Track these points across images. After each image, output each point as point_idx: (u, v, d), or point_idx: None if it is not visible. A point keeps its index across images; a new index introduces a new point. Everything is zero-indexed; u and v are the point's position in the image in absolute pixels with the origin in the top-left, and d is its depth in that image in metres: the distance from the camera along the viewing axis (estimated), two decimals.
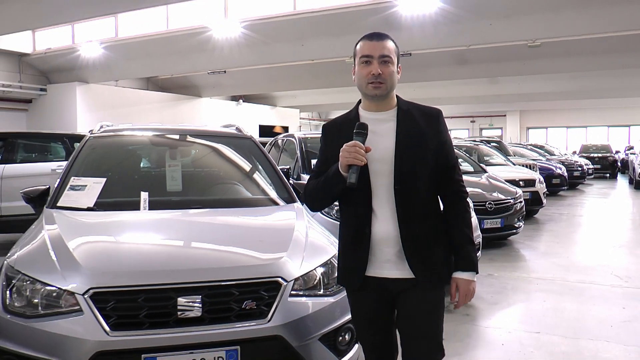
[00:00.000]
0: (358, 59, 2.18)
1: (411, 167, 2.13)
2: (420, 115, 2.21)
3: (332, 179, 2.13)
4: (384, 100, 2.20)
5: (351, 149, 2.02)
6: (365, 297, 2.22)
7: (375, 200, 2.15)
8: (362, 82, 2.17)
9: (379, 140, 2.14)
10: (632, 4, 10.53)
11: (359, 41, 2.21)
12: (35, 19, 13.25)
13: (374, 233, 2.15)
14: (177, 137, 4.24)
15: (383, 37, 2.18)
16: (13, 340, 2.36)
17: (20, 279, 2.48)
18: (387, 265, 2.15)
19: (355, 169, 2.02)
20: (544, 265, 6.84)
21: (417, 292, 2.15)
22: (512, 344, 4.18)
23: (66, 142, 8.15)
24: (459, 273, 2.19)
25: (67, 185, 3.43)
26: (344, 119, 2.29)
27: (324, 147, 2.32)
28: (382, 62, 2.13)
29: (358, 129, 2.09)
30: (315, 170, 2.33)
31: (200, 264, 2.59)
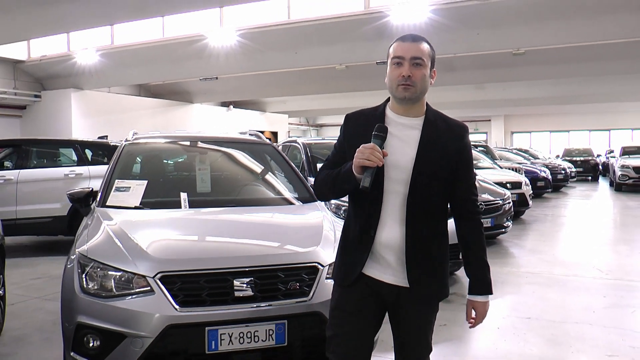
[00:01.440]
0: (390, 60, 2.15)
1: (428, 180, 2.11)
2: (445, 128, 2.18)
3: (343, 177, 2.11)
4: (413, 105, 2.15)
5: (367, 150, 1.99)
6: (353, 292, 2.20)
7: (385, 205, 2.13)
8: (392, 83, 2.13)
9: (400, 147, 2.12)
10: (611, 16, 11.10)
11: (393, 42, 2.18)
12: (31, 29, 13.53)
13: (378, 237, 2.14)
14: (205, 144, 4.67)
15: (417, 39, 2.14)
16: (91, 317, 2.79)
17: (94, 265, 2.91)
18: (385, 269, 2.16)
19: (369, 172, 2.00)
20: (531, 261, 7.36)
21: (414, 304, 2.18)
22: (507, 328, 4.67)
23: (78, 148, 8.51)
24: (476, 296, 2.24)
25: (112, 186, 3.84)
26: (369, 114, 2.24)
27: (342, 137, 2.27)
28: (413, 64, 2.09)
29: (377, 131, 2.05)
30: (329, 159, 2.30)
31: (250, 252, 3.05)
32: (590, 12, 11.18)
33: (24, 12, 11.59)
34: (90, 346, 2.79)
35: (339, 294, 2.25)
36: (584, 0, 10.87)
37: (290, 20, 13.98)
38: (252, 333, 2.74)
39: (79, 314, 2.82)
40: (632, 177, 17.77)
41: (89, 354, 2.79)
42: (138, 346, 2.67)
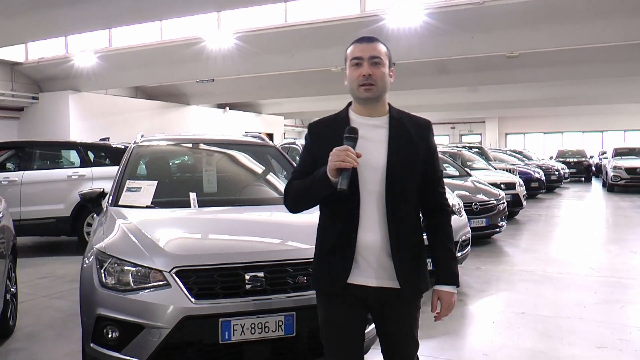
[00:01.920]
0: (349, 63, 2.16)
1: (402, 176, 2.13)
2: (411, 125, 2.20)
3: (319, 183, 2.09)
4: (375, 105, 2.17)
5: (342, 152, 1.99)
6: (340, 303, 2.19)
7: (363, 207, 2.12)
8: (353, 84, 2.14)
9: (370, 147, 2.12)
10: (603, 20, 11.32)
11: (350, 45, 2.20)
12: (29, 32, 13.67)
13: (360, 240, 2.12)
14: (211, 146, 4.84)
15: (373, 40, 2.18)
16: (110, 309, 2.95)
17: (112, 261, 3.07)
18: (369, 273, 2.13)
19: (346, 174, 2.00)
20: (525, 259, 7.55)
21: (401, 304, 2.17)
22: (501, 322, 4.87)
23: (80, 150, 8.65)
24: (442, 286, 2.23)
25: (123, 187, 4.01)
26: (333, 120, 2.25)
27: (309, 146, 2.27)
28: (372, 63, 2.12)
29: (349, 133, 2.06)
30: (298, 169, 2.29)
31: (260, 248, 3.22)
32: (582, 16, 11.40)
33: (23, 15, 11.69)
34: (109, 337, 2.95)
35: (325, 305, 2.24)
36: (576, 5, 11.08)
37: (287, 23, 14.15)
38: (263, 324, 2.91)
39: (98, 306, 2.98)
40: (624, 178, 18.01)
41: (109, 344, 2.95)
42: (156, 336, 2.84)
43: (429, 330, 4.49)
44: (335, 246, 2.17)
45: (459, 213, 6.40)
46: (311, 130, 2.30)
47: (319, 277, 2.25)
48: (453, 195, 7.01)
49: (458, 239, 6.07)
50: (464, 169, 10.57)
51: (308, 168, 2.20)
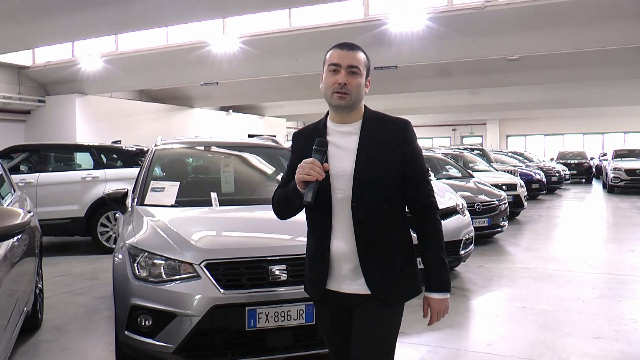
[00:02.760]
0: (326, 67, 2.14)
1: (371, 183, 2.09)
2: (385, 126, 2.16)
3: (291, 195, 2.13)
4: (349, 113, 2.15)
5: (307, 165, 2.00)
6: (325, 308, 2.26)
7: (335, 216, 2.13)
8: (327, 91, 2.13)
9: (341, 155, 2.13)
10: (601, 25, 11.57)
11: (330, 50, 2.18)
12: (37, 39, 13.87)
13: (333, 249, 2.14)
14: (227, 148, 5.10)
15: (354, 48, 2.14)
16: (144, 299, 3.20)
17: (144, 255, 3.32)
18: (345, 280, 2.15)
19: (311, 187, 2.00)
20: (526, 258, 7.80)
21: (370, 307, 2.14)
22: (503, 316, 5.12)
23: (94, 153, 8.91)
24: (432, 294, 2.18)
25: (148, 187, 4.26)
26: (313, 129, 2.25)
27: (292, 155, 2.30)
28: (349, 72, 2.09)
29: (317, 146, 2.07)
30: (284, 178, 2.32)
31: (282, 243, 3.48)
32: (581, 21, 11.62)
33: (31, 21, 11.89)
34: (143, 325, 3.20)
35: (316, 309, 2.36)
36: (575, 10, 11.31)
37: (292, 27, 14.40)
38: (285, 312, 3.17)
39: (132, 297, 3.23)
40: (624, 180, 18.26)
41: (142, 331, 3.20)
42: (187, 324, 3.09)
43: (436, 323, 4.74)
44: (314, 254, 2.22)
45: (463, 213, 6.65)
46: (294, 139, 2.32)
47: (306, 283, 2.33)
48: (457, 195, 7.25)
49: (462, 237, 6.32)
50: (467, 171, 10.81)
51: (291, 178, 2.17)
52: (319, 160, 2.03)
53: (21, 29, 12.38)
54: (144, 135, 18.88)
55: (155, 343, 3.15)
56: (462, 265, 6.90)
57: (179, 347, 3.10)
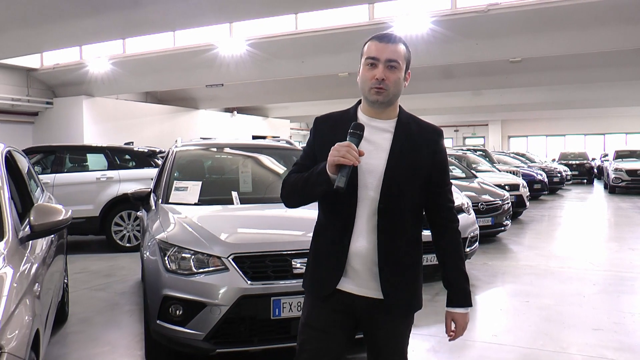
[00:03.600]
0: (364, 60, 2.03)
1: (399, 186, 2.03)
2: (419, 131, 2.09)
3: (316, 178, 1.97)
4: (385, 109, 2.06)
5: (343, 148, 1.87)
6: (325, 307, 2.12)
7: (359, 213, 2.04)
8: (364, 85, 2.03)
9: (372, 150, 2.03)
10: (602, 28, 11.80)
11: (368, 41, 2.07)
12: (45, 43, 14.19)
13: (351, 247, 2.05)
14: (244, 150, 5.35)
15: (394, 40, 2.04)
16: (175, 290, 3.45)
17: (174, 249, 3.57)
18: (358, 281, 2.07)
19: (345, 171, 1.88)
20: (529, 256, 8.04)
21: (388, 317, 2.10)
22: (508, 309, 5.37)
23: (108, 154, 9.16)
24: (455, 308, 2.15)
25: (171, 187, 4.50)
26: (340, 116, 2.14)
27: (313, 140, 2.17)
28: (388, 66, 1.99)
29: (354, 129, 1.94)
30: (298, 162, 2.18)
31: (303, 237, 3.70)
32: (582, 24, 11.84)
33: (39, 26, 12.11)
34: (174, 314, 3.44)
35: (309, 308, 2.18)
36: (576, 13, 11.52)
37: (298, 30, 14.62)
38: None
39: (164, 288, 3.48)
40: (625, 180, 18.48)
41: (174, 320, 3.44)
42: (216, 313, 3.33)
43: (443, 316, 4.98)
44: (328, 252, 2.10)
45: (468, 211, 6.89)
46: (316, 125, 2.19)
47: (310, 279, 2.20)
48: (462, 195, 7.49)
49: (467, 236, 6.56)
50: (470, 171, 11.04)
51: (308, 163, 2.11)
52: (354, 144, 1.91)
53: (30, 33, 12.62)
54: (150, 137, 19.15)
55: (186, 331, 3.39)
56: (467, 262, 7.06)
57: (208, 335, 3.34)
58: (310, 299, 2.20)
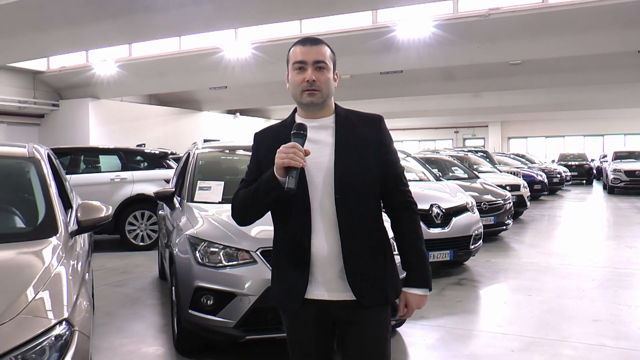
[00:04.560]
0: (291, 65, 2.04)
1: (352, 176, 1.99)
2: (360, 122, 2.08)
3: (266, 185, 1.94)
4: (321, 109, 2.06)
5: (289, 149, 1.85)
6: (302, 319, 2.06)
7: (314, 212, 1.98)
8: (296, 90, 2.02)
9: (316, 149, 2.00)
10: (600, 31, 12.10)
11: (292, 47, 2.07)
12: (52, 48, 14.54)
13: (314, 250, 1.98)
14: None
15: (317, 42, 2.05)
16: (207, 281, 3.73)
17: (204, 244, 3.85)
18: (329, 286, 2.00)
19: (294, 172, 1.85)
20: (530, 253, 8.32)
21: (362, 314, 2.01)
22: (512, 302, 5.66)
23: (122, 156, 9.44)
24: (412, 289, 2.08)
25: (195, 186, 4.78)
26: (280, 126, 2.13)
27: (256, 154, 2.14)
28: (316, 68, 1.99)
29: (297, 129, 1.93)
30: (245, 179, 2.14)
31: None
32: (580, 28, 12.13)
33: (46, 32, 12.37)
34: (206, 304, 3.72)
35: (288, 322, 2.13)
36: (575, 17, 11.82)
37: (302, 34, 14.90)
38: None
39: (196, 280, 3.76)
40: (624, 180, 18.78)
41: (205, 310, 3.72)
42: (245, 302, 3.61)
43: (452, 309, 5.34)
44: (289, 259, 2.04)
45: (472, 210, 7.18)
46: (257, 138, 2.19)
47: (277, 293, 2.13)
48: (467, 194, 7.77)
49: (472, 233, 6.85)
50: (473, 172, 11.32)
51: (254, 176, 2.06)
52: (299, 144, 1.89)
53: (35, 39, 12.90)
54: (154, 138, 19.39)
55: (217, 319, 3.67)
56: (471, 259, 7.41)
57: (238, 323, 3.61)
58: (285, 315, 2.13)
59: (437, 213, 6.72)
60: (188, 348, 4.12)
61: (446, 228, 6.71)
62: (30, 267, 2.56)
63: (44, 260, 2.65)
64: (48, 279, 2.44)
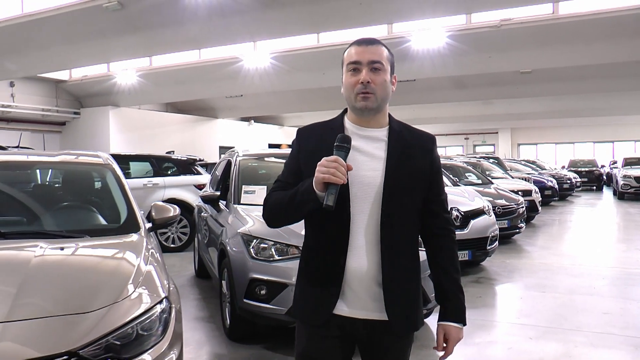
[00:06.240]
0: (345, 67, 1.94)
1: (401, 196, 1.90)
2: (413, 139, 1.98)
3: (302, 196, 1.84)
4: (374, 116, 1.94)
5: (331, 164, 1.74)
6: (321, 335, 1.95)
7: (354, 229, 1.88)
8: (349, 92, 1.92)
9: (365, 161, 1.91)
10: (608, 41, 12.52)
11: (347, 47, 1.96)
12: (75, 61, 15.21)
13: (348, 266, 1.88)
14: None
15: (374, 42, 1.94)
16: (260, 273, 4.20)
17: (257, 241, 4.33)
18: (359, 304, 1.91)
19: (333, 189, 1.75)
20: (543, 255, 8.76)
21: (389, 338, 1.95)
22: (527, 298, 6.12)
23: (153, 162, 9.96)
24: (451, 323, 1.99)
25: (241, 190, 5.28)
26: (325, 127, 2.00)
27: (296, 153, 2.02)
28: (372, 69, 1.89)
29: (340, 142, 1.81)
30: (280, 179, 2.02)
31: None
32: (589, 38, 12.55)
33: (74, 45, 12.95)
34: (260, 293, 4.19)
35: (308, 336, 1.99)
36: (583, 28, 12.23)
37: (319, 44, 15.37)
38: None
39: (250, 272, 4.24)
40: (634, 187, 19.08)
41: (259, 298, 4.19)
42: None
43: (473, 303, 5.79)
44: (321, 272, 1.94)
45: (489, 213, 7.65)
46: (300, 136, 2.05)
47: (302, 305, 2.02)
48: (483, 198, 8.23)
49: (488, 235, 7.32)
50: (487, 177, 11.76)
51: (291, 180, 1.96)
52: (342, 158, 1.79)
53: (58, 52, 13.52)
54: (171, 145, 19.88)
55: (270, 307, 4.15)
56: (487, 260, 7.86)
57: (289, 310, 4.07)
58: (303, 327, 2.02)
59: (456, 215, 7.18)
60: (239, 335, 4.61)
61: (465, 230, 7.17)
62: (128, 257, 3.04)
63: (138, 251, 3.13)
64: (145, 266, 2.93)
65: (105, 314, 2.40)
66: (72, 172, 4.35)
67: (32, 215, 3.63)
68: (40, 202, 3.88)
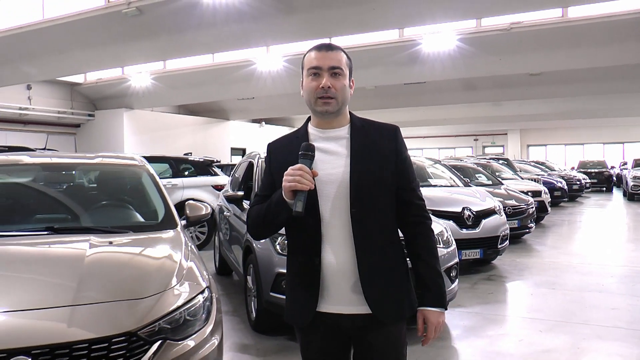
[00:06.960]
0: (305, 72, 2.00)
1: (369, 188, 1.94)
2: (376, 132, 2.03)
3: (275, 207, 1.92)
4: (336, 117, 2.01)
5: (296, 172, 1.82)
6: (315, 334, 2.02)
7: (325, 226, 1.93)
8: (310, 97, 1.97)
9: (331, 160, 1.97)
10: (616, 44, 12.69)
11: (307, 52, 2.02)
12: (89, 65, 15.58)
13: (325, 264, 1.93)
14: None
15: (333, 48, 2.00)
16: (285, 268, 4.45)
17: (282, 237, 4.58)
18: (342, 299, 1.95)
19: (301, 196, 1.82)
20: (552, 254, 8.97)
21: (378, 329, 1.98)
22: (537, 295, 6.34)
23: (172, 164, 10.25)
24: (429, 308, 2.01)
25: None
26: (292, 138, 2.08)
27: (268, 168, 2.10)
28: (332, 74, 1.95)
29: (304, 150, 1.88)
30: (259, 194, 2.10)
31: None
32: (598, 40, 12.70)
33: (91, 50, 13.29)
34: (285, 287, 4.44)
35: (301, 337, 2.09)
36: (592, 30, 12.37)
37: None
38: None
39: (276, 267, 4.50)
40: None
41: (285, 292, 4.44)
42: None
43: (485, 299, 6.03)
44: (300, 273, 2.01)
45: (500, 213, 7.87)
46: (269, 150, 2.14)
47: (289, 308, 2.10)
48: (494, 199, 8.45)
49: (499, 234, 7.55)
50: (497, 179, 11.97)
51: (268, 192, 2.03)
52: (307, 166, 1.86)
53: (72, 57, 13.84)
54: (184, 147, 20.18)
55: None
56: (498, 258, 8.09)
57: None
58: (296, 329, 2.10)
59: (468, 215, 7.41)
60: (265, 327, 4.87)
61: (477, 229, 7.39)
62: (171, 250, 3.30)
63: (179, 245, 3.39)
64: (187, 259, 3.19)
65: (158, 299, 2.67)
66: (111, 173, 4.63)
67: (77, 212, 3.90)
68: (82, 200, 4.15)
